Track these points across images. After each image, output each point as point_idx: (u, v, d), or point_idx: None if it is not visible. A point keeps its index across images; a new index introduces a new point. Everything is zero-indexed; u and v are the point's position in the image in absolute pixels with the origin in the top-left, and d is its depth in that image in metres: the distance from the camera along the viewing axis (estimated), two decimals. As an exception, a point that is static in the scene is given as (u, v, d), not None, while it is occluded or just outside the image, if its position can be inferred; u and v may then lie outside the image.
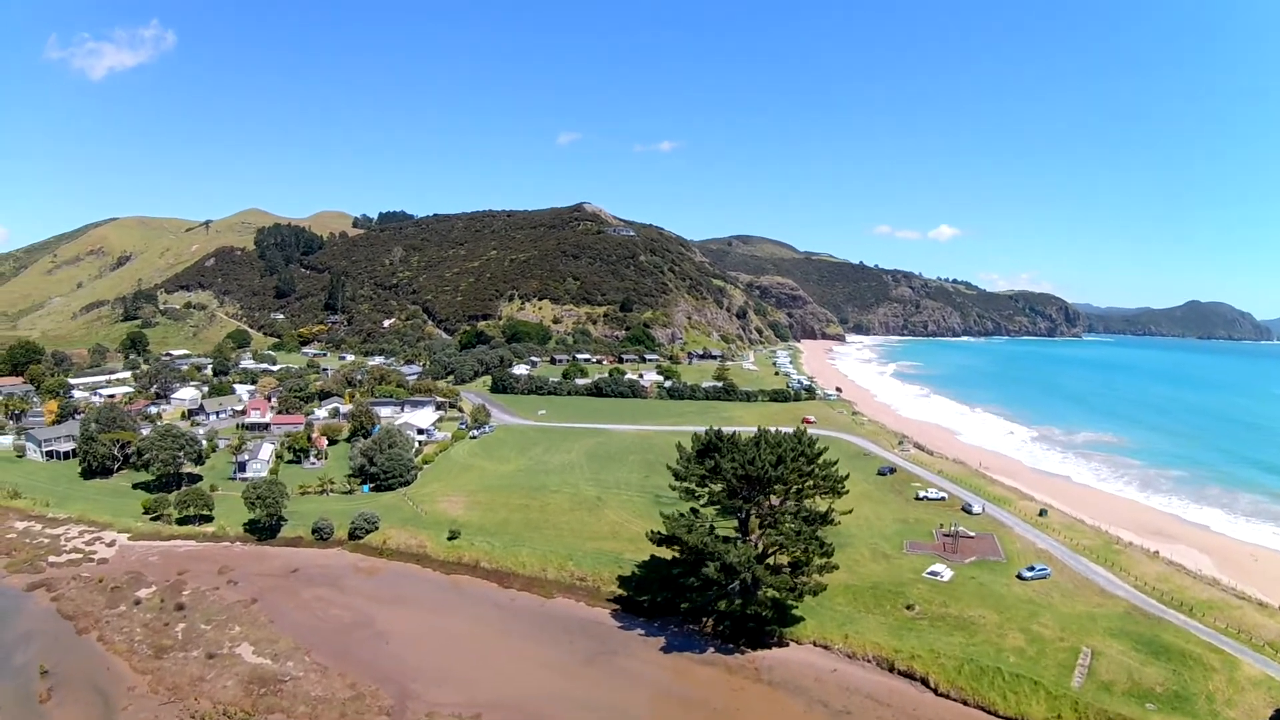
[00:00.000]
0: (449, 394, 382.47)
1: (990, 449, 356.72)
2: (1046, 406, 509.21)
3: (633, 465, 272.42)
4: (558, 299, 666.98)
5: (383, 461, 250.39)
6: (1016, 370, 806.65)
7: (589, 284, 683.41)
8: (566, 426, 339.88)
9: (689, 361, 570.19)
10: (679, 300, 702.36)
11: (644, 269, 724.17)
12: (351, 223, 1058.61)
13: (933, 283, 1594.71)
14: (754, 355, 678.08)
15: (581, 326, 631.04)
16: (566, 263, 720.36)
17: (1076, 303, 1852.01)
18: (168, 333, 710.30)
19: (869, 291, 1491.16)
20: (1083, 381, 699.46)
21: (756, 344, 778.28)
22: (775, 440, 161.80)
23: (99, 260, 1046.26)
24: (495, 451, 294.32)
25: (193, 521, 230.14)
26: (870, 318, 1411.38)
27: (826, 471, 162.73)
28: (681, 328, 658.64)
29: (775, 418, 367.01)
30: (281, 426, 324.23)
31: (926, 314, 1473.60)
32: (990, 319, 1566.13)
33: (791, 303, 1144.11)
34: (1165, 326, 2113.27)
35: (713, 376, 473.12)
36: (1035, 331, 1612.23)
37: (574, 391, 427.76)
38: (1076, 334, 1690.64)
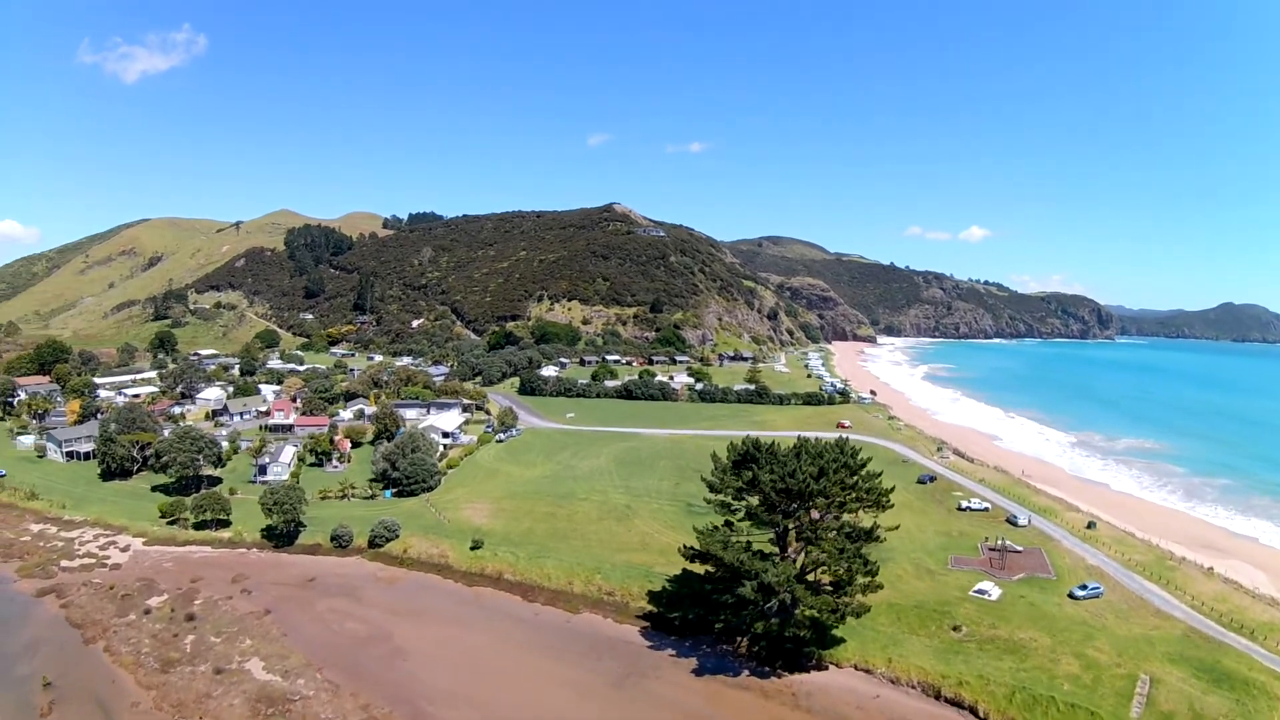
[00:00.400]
0: (476, 396, 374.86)
1: (1031, 455, 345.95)
2: (1084, 411, 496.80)
3: (664, 472, 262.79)
4: (587, 300, 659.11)
5: (405, 466, 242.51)
6: (1050, 373, 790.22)
7: (619, 285, 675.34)
8: (595, 430, 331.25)
9: (720, 363, 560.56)
10: (709, 301, 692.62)
11: (674, 270, 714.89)
12: (382, 223, 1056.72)
13: (964, 284, 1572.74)
14: (785, 357, 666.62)
15: (611, 328, 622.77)
16: (596, 263, 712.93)
17: (1108, 305, 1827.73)
18: (197, 332, 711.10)
19: (900, 293, 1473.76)
20: (1118, 385, 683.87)
21: (788, 345, 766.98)
22: (816, 450, 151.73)
23: (131, 260, 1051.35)
24: (522, 456, 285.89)
25: (209, 526, 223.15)
26: (901, 319, 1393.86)
27: (870, 484, 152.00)
28: (712, 329, 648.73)
29: (809, 422, 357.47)
30: (305, 428, 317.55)
31: (958, 316, 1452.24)
32: (1022, 321, 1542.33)
33: (822, 304, 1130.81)
34: (1199, 329, 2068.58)
35: (744, 379, 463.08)
36: (1067, 334, 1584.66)
37: (603, 394, 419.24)
38: (1109, 336, 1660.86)
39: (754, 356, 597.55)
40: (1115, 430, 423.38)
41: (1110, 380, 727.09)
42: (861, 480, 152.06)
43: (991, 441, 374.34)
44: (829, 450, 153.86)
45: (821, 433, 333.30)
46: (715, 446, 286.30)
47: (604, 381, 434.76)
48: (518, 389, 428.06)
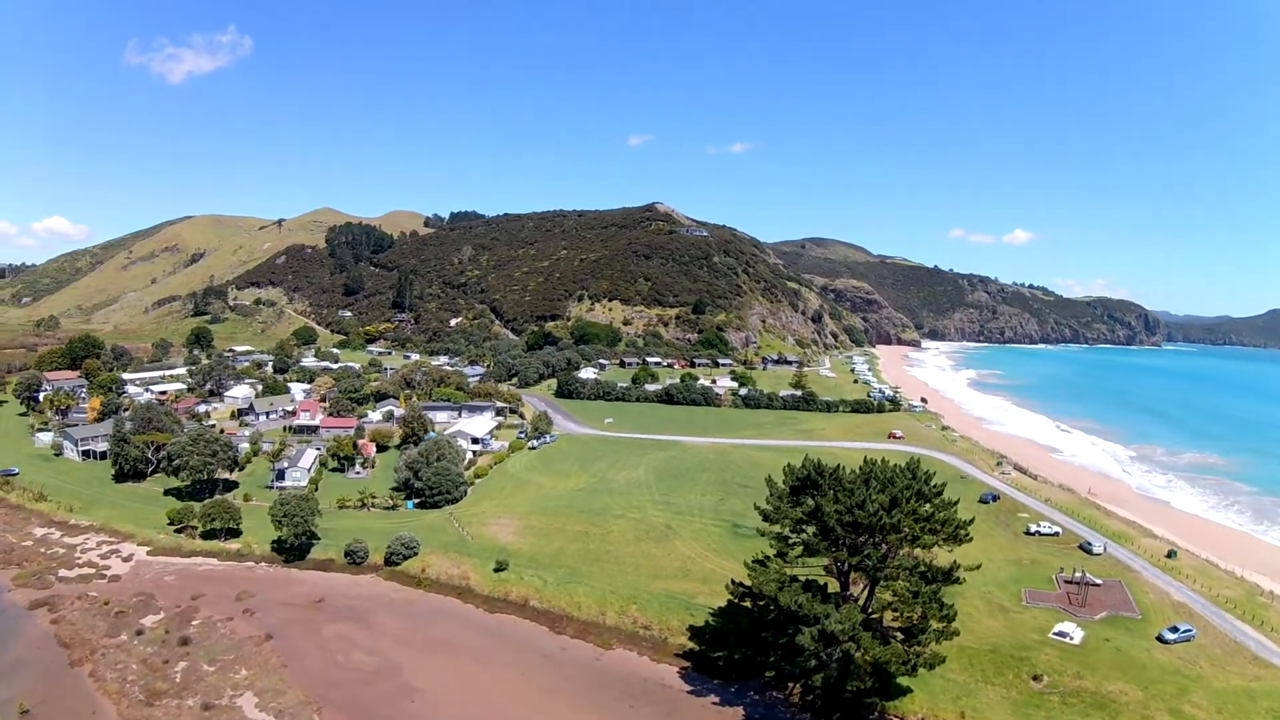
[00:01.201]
0: (510, 399, 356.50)
1: (1093, 470, 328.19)
2: (1139, 422, 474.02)
3: (706, 486, 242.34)
4: (628, 300, 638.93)
5: (429, 476, 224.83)
6: (1101, 381, 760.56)
7: (660, 285, 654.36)
8: (634, 437, 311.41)
9: (763, 367, 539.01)
10: (753, 303, 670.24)
11: (717, 270, 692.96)
12: (423, 222, 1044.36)
13: (1009, 288, 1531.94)
14: (830, 361, 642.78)
15: (652, 329, 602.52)
16: (637, 263, 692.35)
17: (1154, 310, 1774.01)
18: (236, 328, 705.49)
19: (944, 296, 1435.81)
20: (1171, 394, 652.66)
21: (832, 349, 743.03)
22: (886, 476, 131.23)
23: (173, 257, 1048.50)
24: (555, 465, 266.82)
25: (218, 536, 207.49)
26: (946, 323, 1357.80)
27: (947, 515, 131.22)
28: (755, 331, 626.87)
29: (858, 431, 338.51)
30: (331, 430, 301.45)
31: (1003, 320, 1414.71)
32: (1068, 326, 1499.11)
33: (867, 307, 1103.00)
34: (1247, 336, 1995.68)
35: (790, 384, 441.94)
36: (1113, 340, 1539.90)
37: (643, 398, 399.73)
38: (1156, 343, 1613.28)
39: (798, 360, 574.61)
40: (1175, 443, 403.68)
41: (1162, 389, 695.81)
42: (937, 508, 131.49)
43: (1049, 454, 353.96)
44: (900, 476, 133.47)
45: (872, 443, 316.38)
46: (761, 458, 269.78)
47: (644, 385, 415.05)
48: (555, 391, 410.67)
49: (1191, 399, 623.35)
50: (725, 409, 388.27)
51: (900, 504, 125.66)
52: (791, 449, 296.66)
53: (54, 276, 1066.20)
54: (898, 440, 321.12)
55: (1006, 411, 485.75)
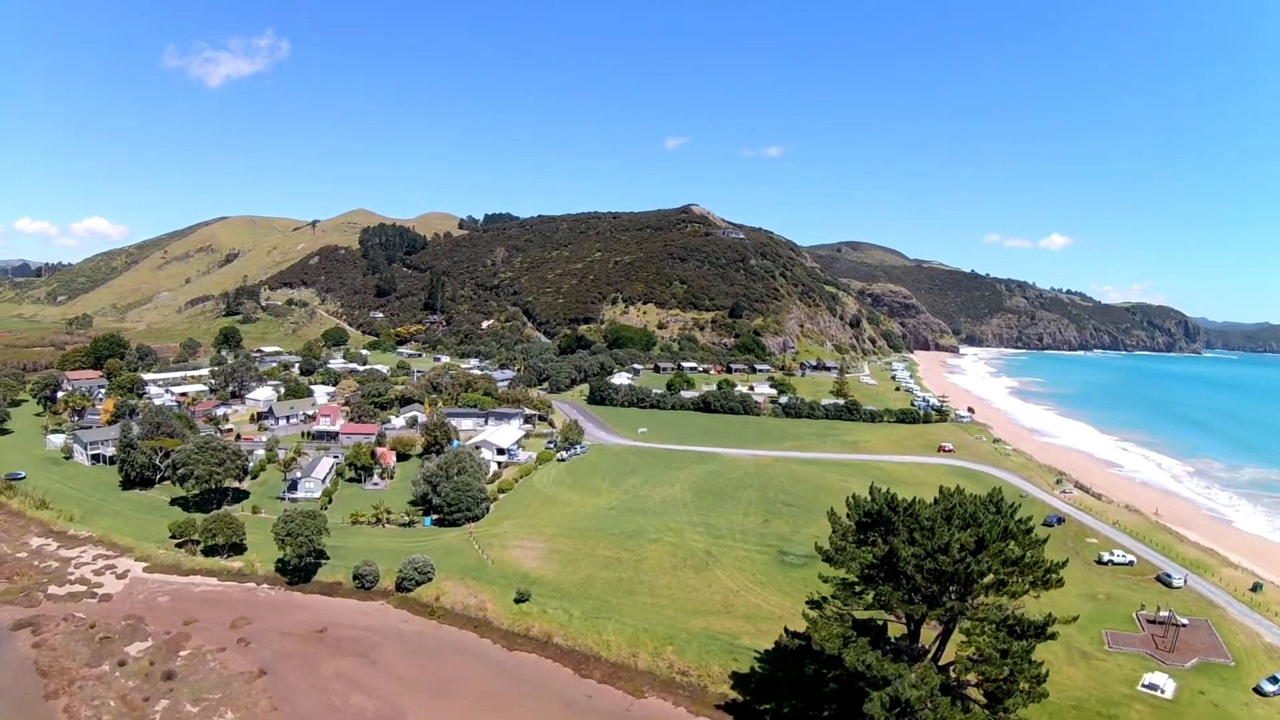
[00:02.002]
0: (540, 405, 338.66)
1: (1155, 486, 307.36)
2: (1190, 433, 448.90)
3: (749, 505, 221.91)
4: (663, 303, 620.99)
5: (448, 491, 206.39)
6: (1144, 389, 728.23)
7: (696, 288, 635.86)
8: (670, 449, 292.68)
9: (801, 373, 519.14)
10: (791, 307, 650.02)
11: (754, 273, 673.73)
12: (457, 224, 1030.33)
13: (1047, 293, 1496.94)
14: (869, 367, 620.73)
15: (688, 333, 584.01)
16: (673, 265, 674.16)
17: (1192, 316, 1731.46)
18: (267, 329, 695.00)
19: (982, 301, 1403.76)
20: (1219, 404, 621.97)
21: (870, 354, 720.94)
22: (968, 511, 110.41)
23: (208, 257, 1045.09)
24: (585, 480, 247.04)
25: (220, 553, 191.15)
26: (983, 329, 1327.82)
27: (1037, 556, 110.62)
28: (793, 336, 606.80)
29: (905, 443, 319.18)
30: (351, 437, 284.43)
31: (1041, 326, 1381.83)
32: (1106, 332, 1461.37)
33: (904, 312, 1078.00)
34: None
35: (831, 392, 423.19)
36: (1153, 346, 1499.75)
37: (679, 405, 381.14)
38: (1195, 350, 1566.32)
39: (838, 366, 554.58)
40: (1232, 458, 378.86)
41: (1209, 399, 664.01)
42: (1024, 547, 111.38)
43: (1105, 469, 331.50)
44: (983, 511, 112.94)
45: (921, 457, 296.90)
46: (805, 473, 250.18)
47: (680, 392, 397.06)
48: (587, 398, 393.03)
49: (1240, 410, 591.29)
50: (764, 418, 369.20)
51: (987, 545, 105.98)
52: (837, 463, 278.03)
53: (89, 276, 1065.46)
54: (948, 454, 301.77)
55: (1053, 422, 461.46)
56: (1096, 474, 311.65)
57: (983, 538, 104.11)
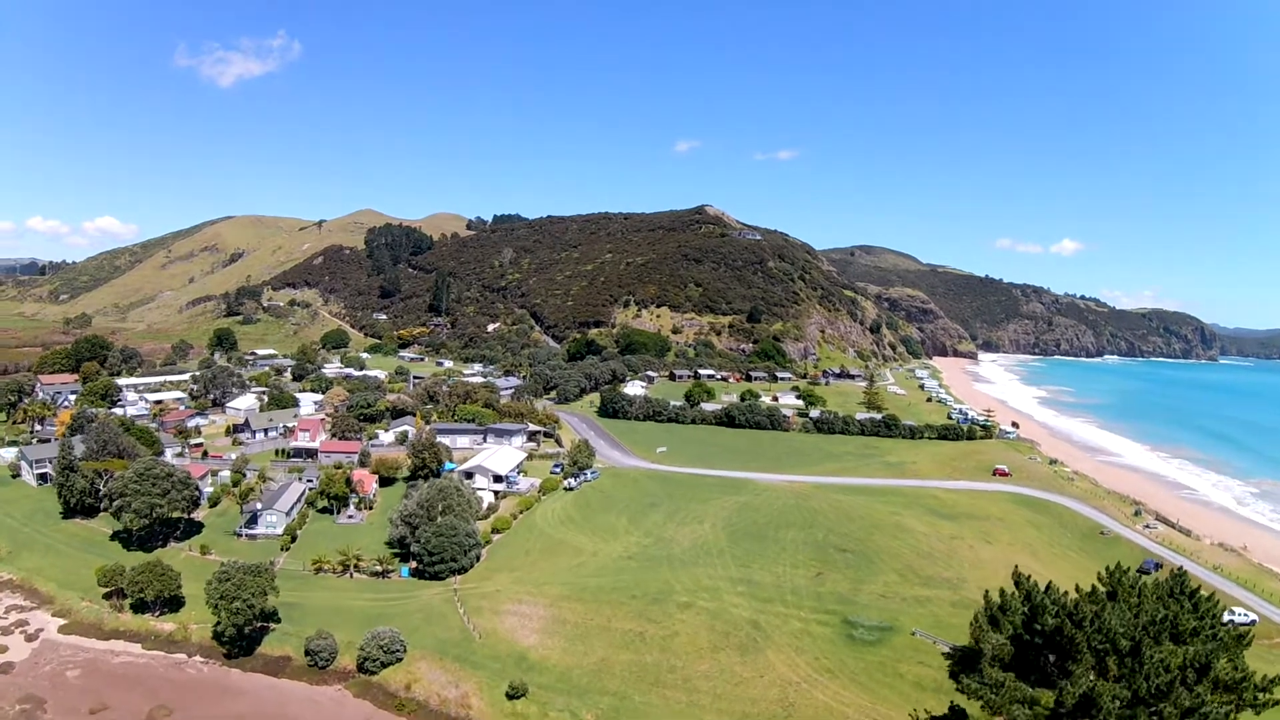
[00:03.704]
0: (546, 420, 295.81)
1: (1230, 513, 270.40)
2: (1240, 449, 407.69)
3: (795, 551, 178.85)
4: (678, 306, 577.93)
5: (429, 538, 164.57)
6: (1176, 400, 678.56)
7: (712, 291, 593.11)
8: (694, 474, 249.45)
9: (825, 381, 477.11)
10: (811, 311, 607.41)
11: (773, 276, 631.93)
12: (465, 225, 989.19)
13: (1063, 299, 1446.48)
14: (892, 375, 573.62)
15: (704, 338, 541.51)
16: (687, 267, 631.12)
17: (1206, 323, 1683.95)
18: (268, 330, 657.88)
19: (997, 307, 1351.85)
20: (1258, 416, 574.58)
21: (891, 361, 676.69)
22: (1164, 616, 69.57)
23: (212, 256, 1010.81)
24: (597, 517, 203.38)
25: (151, 609, 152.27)
26: (1000, 335, 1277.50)
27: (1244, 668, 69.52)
28: (814, 342, 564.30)
29: (955, 465, 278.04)
30: (331, 455, 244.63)
31: (1058, 332, 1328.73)
32: (1123, 339, 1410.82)
33: (922, 317, 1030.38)
34: None
35: (861, 404, 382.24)
36: (1169, 353, 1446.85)
37: (700, 419, 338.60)
38: (1212, 357, 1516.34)
39: (862, 374, 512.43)
40: None
41: (1245, 411, 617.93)
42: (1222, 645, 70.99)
43: (1173, 494, 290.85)
44: (1182, 612, 72.49)
45: (976, 483, 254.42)
46: (853, 505, 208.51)
47: (700, 404, 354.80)
48: (598, 410, 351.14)
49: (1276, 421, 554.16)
50: (794, 434, 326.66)
51: (1211, 670, 65.77)
52: (885, 492, 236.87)
53: (92, 274, 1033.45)
54: (1005, 478, 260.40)
55: (1098, 436, 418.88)
56: (1163, 499, 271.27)
57: (1206, 662, 63.68)
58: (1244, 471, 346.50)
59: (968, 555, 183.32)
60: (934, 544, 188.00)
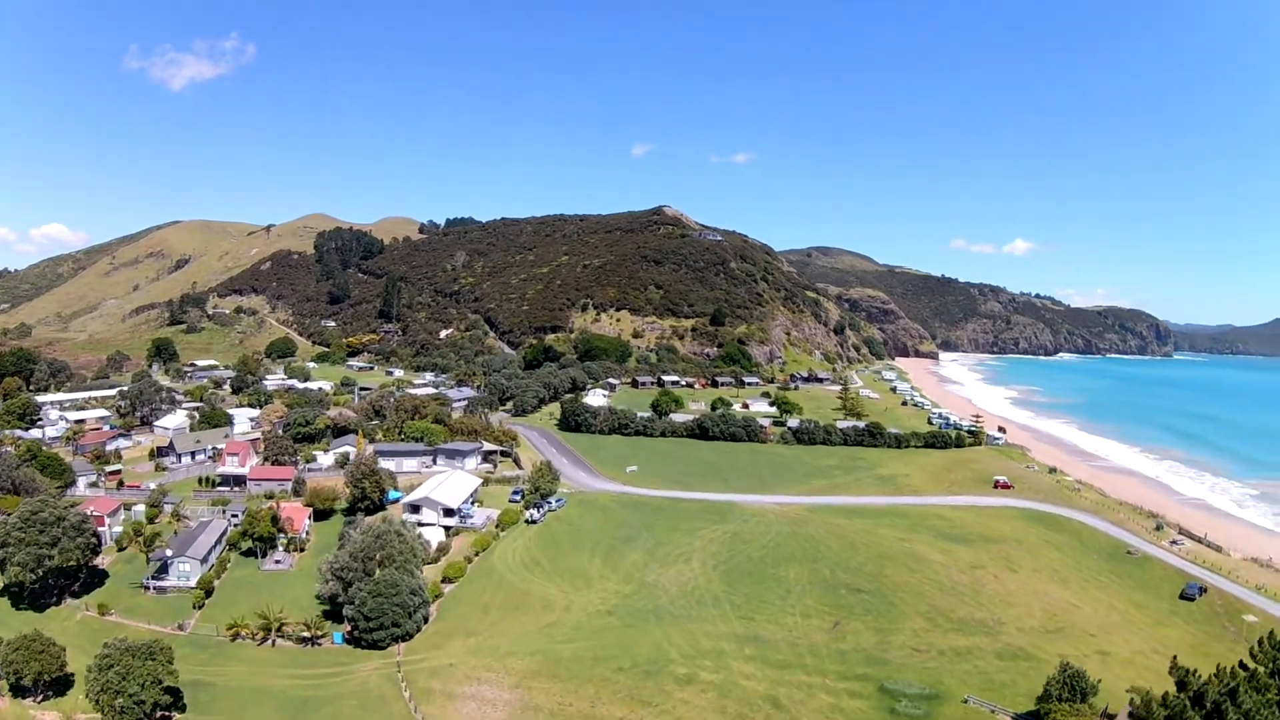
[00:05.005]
0: (502, 436, 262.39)
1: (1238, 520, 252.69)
2: (1223, 448, 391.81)
3: (803, 594, 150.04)
4: (638, 310, 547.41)
5: (364, 598, 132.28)
6: (1144, 397, 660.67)
7: (674, 293, 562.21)
8: (671, 497, 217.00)
9: (794, 385, 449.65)
10: (775, 313, 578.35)
11: (735, 277, 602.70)
12: (418, 228, 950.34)
13: (1020, 298, 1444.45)
14: (859, 377, 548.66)
15: (666, 342, 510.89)
16: (647, 269, 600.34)
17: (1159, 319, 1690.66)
18: (212, 339, 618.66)
19: (955, 306, 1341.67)
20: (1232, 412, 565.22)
21: (856, 363, 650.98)
22: None
23: (158, 263, 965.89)
24: (566, 557, 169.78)
25: (32, 692, 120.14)
26: (959, 334, 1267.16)
27: None
28: (780, 344, 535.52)
29: (949, 476, 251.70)
30: (262, 483, 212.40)
31: (1017, 330, 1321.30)
32: (1080, 336, 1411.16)
33: (883, 317, 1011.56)
34: (1253, 345, 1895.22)
35: (839, 409, 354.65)
36: (1125, 349, 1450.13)
37: (670, 431, 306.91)
38: (1167, 353, 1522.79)
39: (831, 377, 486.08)
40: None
41: (1220, 409, 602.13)
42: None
43: (1183, 504, 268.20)
44: None
45: (978, 497, 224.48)
46: (855, 531, 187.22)
47: (669, 414, 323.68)
48: (558, 422, 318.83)
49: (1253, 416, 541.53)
50: (773, 446, 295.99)
51: None
52: (885, 512, 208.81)
53: (34, 282, 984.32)
54: (1007, 491, 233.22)
55: (1084, 440, 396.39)
56: (1168, 507, 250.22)
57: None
58: (1237, 472, 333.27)
59: (994, 588, 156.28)
60: (955, 576, 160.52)
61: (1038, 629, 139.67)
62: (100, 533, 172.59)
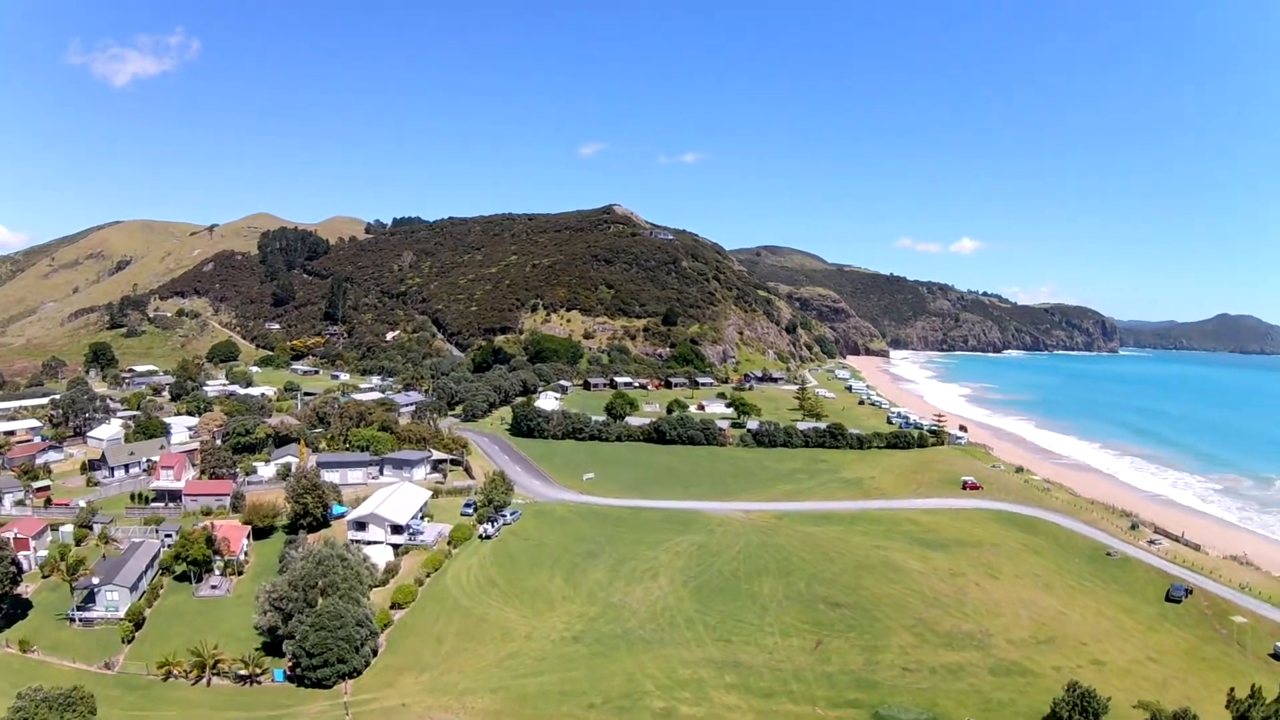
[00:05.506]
0: (452, 443, 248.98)
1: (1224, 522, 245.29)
2: (1188, 441, 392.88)
3: (781, 610, 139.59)
4: (589, 310, 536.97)
5: (306, 632, 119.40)
6: (1096, 393, 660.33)
7: (625, 293, 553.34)
8: (632, 506, 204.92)
9: (748, 385, 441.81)
10: (728, 313, 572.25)
11: (687, 276, 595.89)
12: (364, 228, 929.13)
13: (968, 296, 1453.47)
14: (813, 375, 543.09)
15: (618, 342, 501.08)
16: (598, 268, 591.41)
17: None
18: (153, 343, 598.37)
19: (905, 304, 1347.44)
20: (1185, 406, 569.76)
21: (808, 361, 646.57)
22: None
23: (99, 264, 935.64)
24: (525, 577, 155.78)
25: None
26: (908, 332, 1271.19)
27: None
28: (733, 344, 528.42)
29: (916, 478, 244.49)
30: (199, 499, 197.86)
31: (965, 328, 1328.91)
32: (1028, 333, 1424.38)
33: (834, 316, 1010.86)
34: (1196, 340, 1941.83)
35: (796, 409, 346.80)
36: (1072, 346, 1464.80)
37: (626, 436, 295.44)
38: (1113, 349, 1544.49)
39: (785, 376, 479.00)
40: (1248, 469, 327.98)
41: (1174, 400, 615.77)
42: None
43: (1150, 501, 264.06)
44: None
45: (948, 499, 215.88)
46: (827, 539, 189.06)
47: (624, 417, 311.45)
48: (509, 427, 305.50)
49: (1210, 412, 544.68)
50: (733, 449, 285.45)
51: None
52: (855, 517, 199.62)
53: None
54: (977, 492, 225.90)
55: (1041, 437, 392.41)
56: (1141, 506, 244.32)
57: None
58: (1198, 468, 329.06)
59: (978, 597, 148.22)
60: (935, 585, 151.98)
61: (1028, 640, 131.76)
62: (26, 557, 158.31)
